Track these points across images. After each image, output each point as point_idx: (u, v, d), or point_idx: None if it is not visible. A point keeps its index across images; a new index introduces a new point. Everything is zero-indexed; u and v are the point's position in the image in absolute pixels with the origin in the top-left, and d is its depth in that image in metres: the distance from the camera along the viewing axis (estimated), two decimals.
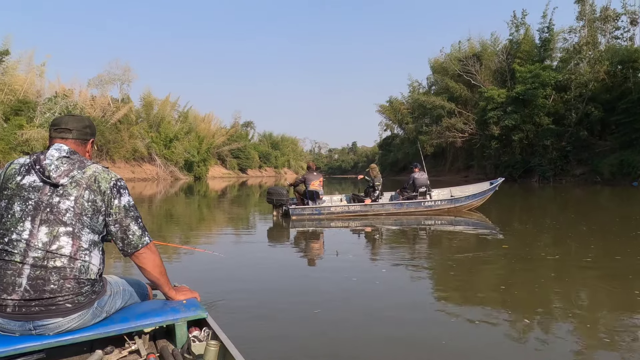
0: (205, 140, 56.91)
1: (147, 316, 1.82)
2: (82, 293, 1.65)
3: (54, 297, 1.59)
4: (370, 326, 2.96)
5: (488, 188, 10.37)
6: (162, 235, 7.39)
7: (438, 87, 47.68)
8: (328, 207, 9.58)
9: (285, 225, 8.57)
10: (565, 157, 29.57)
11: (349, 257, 5.43)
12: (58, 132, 1.80)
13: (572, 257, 5.41)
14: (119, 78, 46.26)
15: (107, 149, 40.49)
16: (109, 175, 1.76)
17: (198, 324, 1.95)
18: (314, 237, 7.39)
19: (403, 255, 5.72)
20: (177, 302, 1.96)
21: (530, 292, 3.76)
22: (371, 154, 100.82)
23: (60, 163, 1.69)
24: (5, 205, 1.66)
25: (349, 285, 4.00)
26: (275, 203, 9.70)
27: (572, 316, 3.12)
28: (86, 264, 1.67)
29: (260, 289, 3.91)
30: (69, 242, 1.63)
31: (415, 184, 10.12)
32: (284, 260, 5.42)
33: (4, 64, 32.35)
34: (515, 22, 35.95)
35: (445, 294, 3.84)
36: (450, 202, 10.11)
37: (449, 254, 5.64)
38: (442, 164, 48.69)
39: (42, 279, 1.58)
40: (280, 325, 2.99)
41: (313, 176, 9.61)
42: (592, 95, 29.51)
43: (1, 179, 1.73)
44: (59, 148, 1.73)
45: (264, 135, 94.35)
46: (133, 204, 1.81)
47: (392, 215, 9.68)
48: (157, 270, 1.87)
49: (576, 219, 9.55)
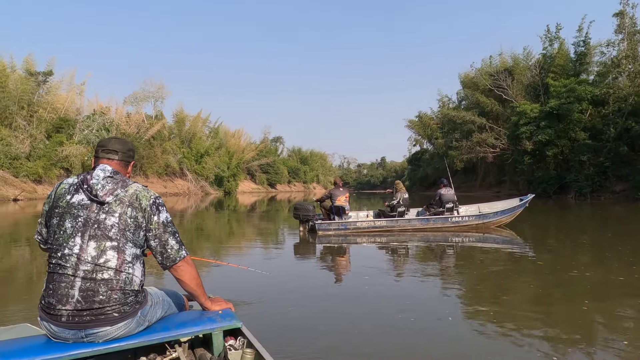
0: (235, 155, 57.99)
1: (185, 325, 1.91)
2: (127, 303, 1.76)
3: (102, 307, 1.70)
4: (404, 341, 2.96)
5: (518, 204, 10.09)
6: (193, 249, 7.54)
7: (468, 102, 47.03)
8: (354, 222, 9.54)
9: (312, 240, 8.58)
10: (603, 173, 28.45)
11: (374, 272, 5.37)
12: (106, 152, 1.93)
13: (612, 277, 5.17)
14: (153, 95, 48.08)
15: (140, 165, 41.81)
16: (148, 194, 1.88)
17: (233, 334, 2.02)
18: (340, 253, 7.36)
19: (433, 270, 5.62)
20: (214, 312, 2.05)
21: (569, 311, 3.62)
22: (400, 169, 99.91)
23: (105, 182, 1.81)
24: (57, 223, 1.79)
25: (379, 301, 3.97)
26: (302, 218, 9.73)
27: (612, 342, 2.97)
28: (130, 275, 1.78)
29: (292, 302, 3.96)
30: (114, 255, 1.75)
31: (442, 200, 9.97)
32: (310, 276, 5.39)
33: (47, 83, 34.14)
34: (549, 37, 35.24)
35: (479, 310, 3.74)
36: (478, 218, 9.89)
37: (479, 270, 5.49)
38: (473, 180, 47.73)
39: (92, 290, 1.70)
40: (309, 334, 3.09)
41: (339, 192, 9.61)
42: (632, 110, 28.41)
43: (52, 198, 1.86)
44: (103, 169, 1.85)
45: (293, 151, 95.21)
46: (170, 220, 1.92)
47: (418, 231, 9.54)
48: (194, 282, 1.96)
49: (615, 238, 9.12)
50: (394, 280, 5.08)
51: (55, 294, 1.70)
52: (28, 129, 31.20)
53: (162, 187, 43.95)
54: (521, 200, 10.28)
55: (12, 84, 31.18)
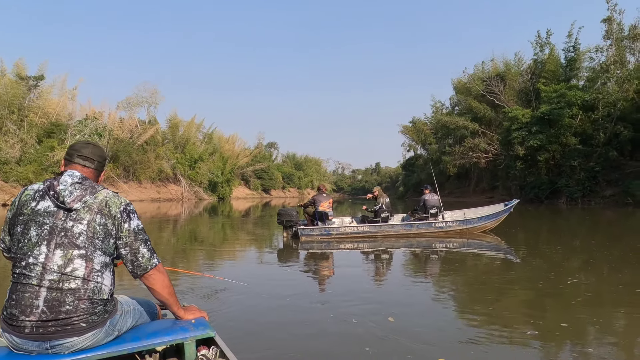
0: (229, 161, 57.85)
1: (157, 335, 1.87)
2: (95, 313, 1.72)
3: (69, 318, 1.65)
4: (387, 349, 2.93)
5: (502, 209, 10.11)
6: (179, 256, 7.48)
7: (461, 107, 47.24)
8: (337, 227, 9.51)
9: (295, 246, 8.54)
10: (593, 178, 28.58)
11: (354, 279, 5.34)
12: (82, 159, 1.88)
13: (602, 282, 5.17)
14: (146, 100, 47.87)
15: (133, 170, 41.66)
16: (119, 200, 1.83)
17: (206, 343, 2.01)
18: (321, 260, 7.32)
19: (419, 277, 5.61)
20: (186, 321, 2.00)
21: (555, 318, 3.61)
22: (395, 174, 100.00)
23: (73, 189, 1.75)
24: (21, 231, 1.74)
25: (356, 309, 3.94)
26: (285, 224, 9.71)
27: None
28: (99, 284, 1.74)
29: (267, 312, 3.93)
30: (82, 264, 1.70)
31: (426, 206, 9.97)
32: (288, 284, 5.33)
33: (38, 88, 34.03)
34: (539, 42, 35.50)
35: (468, 316, 3.76)
36: (462, 223, 9.88)
37: (464, 276, 5.48)
38: (466, 185, 47.87)
39: (58, 300, 1.65)
40: (283, 344, 3.05)
41: (323, 197, 9.61)
42: (621, 115, 28.60)
43: (16, 205, 1.80)
44: (72, 174, 1.80)
45: (288, 156, 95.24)
46: (142, 227, 1.87)
47: (402, 236, 9.52)
48: (166, 291, 1.92)
49: (605, 243, 9.13)
50: (375, 287, 5.10)
51: (19, 305, 1.64)
52: (18, 133, 31.04)
53: (155, 193, 43.78)
54: (506, 205, 10.29)
55: (2, 88, 31.07)
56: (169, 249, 8.42)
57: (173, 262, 6.57)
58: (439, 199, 10.23)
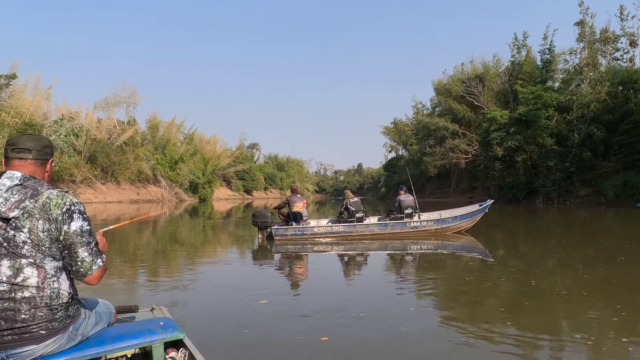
0: (210, 162, 57.37)
1: (123, 338, 1.81)
2: (56, 319, 1.64)
3: (27, 326, 1.58)
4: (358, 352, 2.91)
5: (476, 209, 10.23)
6: (151, 259, 7.34)
7: (441, 108, 47.70)
8: (311, 227, 9.48)
9: (269, 247, 8.49)
10: (569, 178, 29.22)
11: (326, 280, 5.31)
12: (16, 152, 1.71)
13: (573, 281, 5.26)
14: (125, 101, 47.31)
15: (112, 171, 40.96)
16: (62, 200, 1.67)
17: (175, 345, 1.97)
18: (294, 261, 7.29)
19: (392, 278, 5.61)
20: (154, 323, 1.95)
21: (534, 314, 3.63)
22: (377, 175, 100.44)
23: (10, 194, 1.62)
24: None
25: (325, 310, 3.92)
26: (260, 225, 9.65)
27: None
28: (56, 290, 1.65)
29: (238, 314, 3.88)
30: (33, 272, 1.60)
31: (401, 206, 10.02)
32: (260, 287, 5.26)
33: (10, 87, 33.17)
34: (516, 44, 36.22)
35: (446, 318, 3.75)
36: (437, 222, 9.96)
37: (438, 278, 5.51)
38: (446, 186, 48.34)
39: (12, 310, 1.57)
40: (254, 347, 3.02)
41: (297, 198, 9.58)
42: (594, 116, 29.33)
43: None
44: (11, 176, 1.66)
45: (270, 157, 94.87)
46: (87, 229, 1.72)
47: (377, 237, 9.54)
48: (99, 279, 1.78)
49: (576, 244, 9.32)
50: (346, 288, 5.10)
51: None
52: None
53: (134, 194, 43.12)
54: (480, 205, 10.41)
55: None
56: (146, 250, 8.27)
57: (142, 260, 6.46)
58: (414, 199, 10.29)
